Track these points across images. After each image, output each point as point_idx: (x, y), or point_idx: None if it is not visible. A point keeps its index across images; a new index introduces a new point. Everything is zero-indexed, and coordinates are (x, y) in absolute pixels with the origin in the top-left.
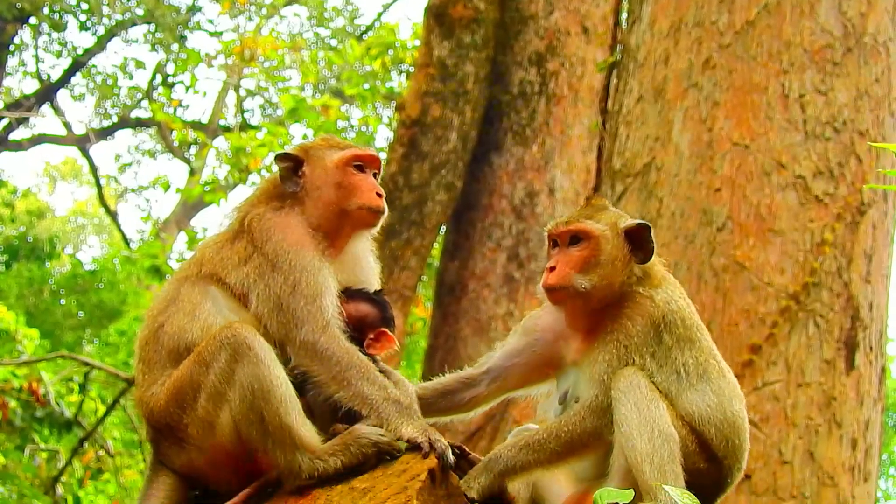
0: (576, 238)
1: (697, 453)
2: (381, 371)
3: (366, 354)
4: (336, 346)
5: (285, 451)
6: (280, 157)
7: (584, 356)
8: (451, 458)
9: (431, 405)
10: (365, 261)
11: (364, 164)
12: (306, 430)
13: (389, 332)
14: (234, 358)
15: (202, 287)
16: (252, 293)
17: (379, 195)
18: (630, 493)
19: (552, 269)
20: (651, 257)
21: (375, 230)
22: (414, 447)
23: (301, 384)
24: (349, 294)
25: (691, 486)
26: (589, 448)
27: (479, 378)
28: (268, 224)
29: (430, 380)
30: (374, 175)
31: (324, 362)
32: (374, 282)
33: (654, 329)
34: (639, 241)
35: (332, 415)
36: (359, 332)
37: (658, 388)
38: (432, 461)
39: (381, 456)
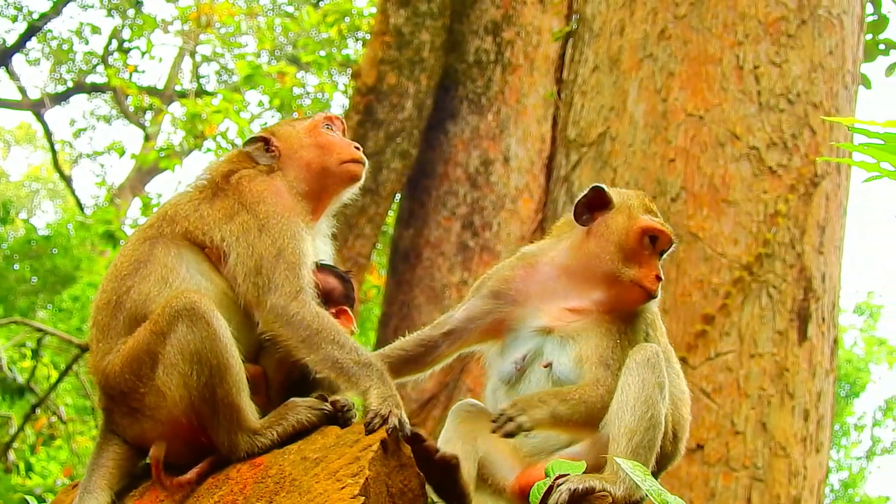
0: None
1: (666, 434)
2: None
3: None
4: (306, 311)
5: (230, 430)
6: (248, 142)
7: (568, 329)
8: (408, 429)
9: (398, 373)
10: (324, 238)
11: (332, 125)
12: (251, 411)
13: (350, 312)
14: (191, 330)
15: (177, 249)
16: (233, 252)
17: (357, 147)
18: (581, 465)
19: (660, 278)
20: None
21: (360, 183)
22: (366, 414)
23: (257, 353)
24: (319, 267)
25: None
26: (589, 423)
27: (440, 340)
28: (260, 186)
29: (388, 345)
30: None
31: (293, 327)
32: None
33: (645, 327)
34: None
35: (287, 389)
36: (323, 304)
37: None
38: (383, 432)
39: (319, 420)
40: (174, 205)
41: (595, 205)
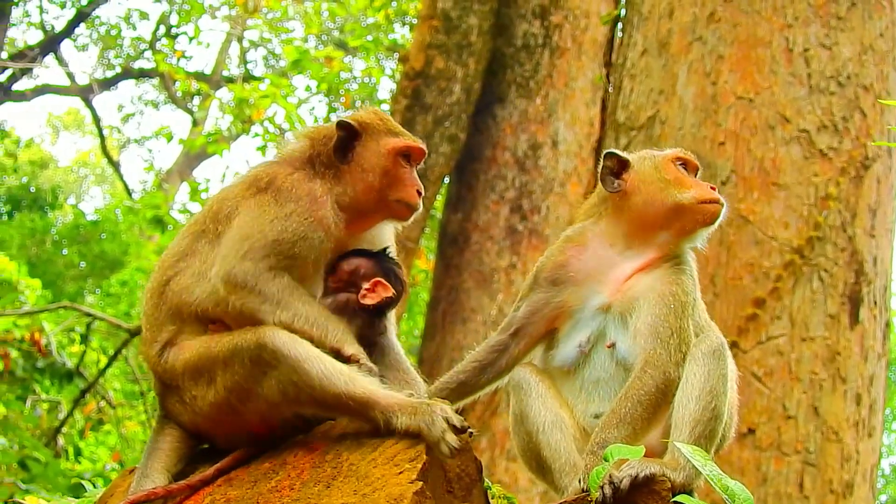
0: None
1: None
2: (392, 364)
3: (364, 308)
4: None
5: (353, 416)
6: (341, 125)
7: (626, 299)
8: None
9: (475, 385)
10: (382, 236)
11: (412, 156)
12: (362, 386)
13: (384, 281)
14: (263, 370)
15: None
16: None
17: (419, 192)
18: (641, 450)
19: (713, 187)
20: None
21: (406, 224)
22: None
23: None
24: (343, 255)
25: None
26: (661, 407)
27: (509, 341)
28: (298, 187)
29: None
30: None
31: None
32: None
33: (693, 286)
34: None
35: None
36: (354, 286)
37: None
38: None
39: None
40: (220, 200)
41: (618, 170)
